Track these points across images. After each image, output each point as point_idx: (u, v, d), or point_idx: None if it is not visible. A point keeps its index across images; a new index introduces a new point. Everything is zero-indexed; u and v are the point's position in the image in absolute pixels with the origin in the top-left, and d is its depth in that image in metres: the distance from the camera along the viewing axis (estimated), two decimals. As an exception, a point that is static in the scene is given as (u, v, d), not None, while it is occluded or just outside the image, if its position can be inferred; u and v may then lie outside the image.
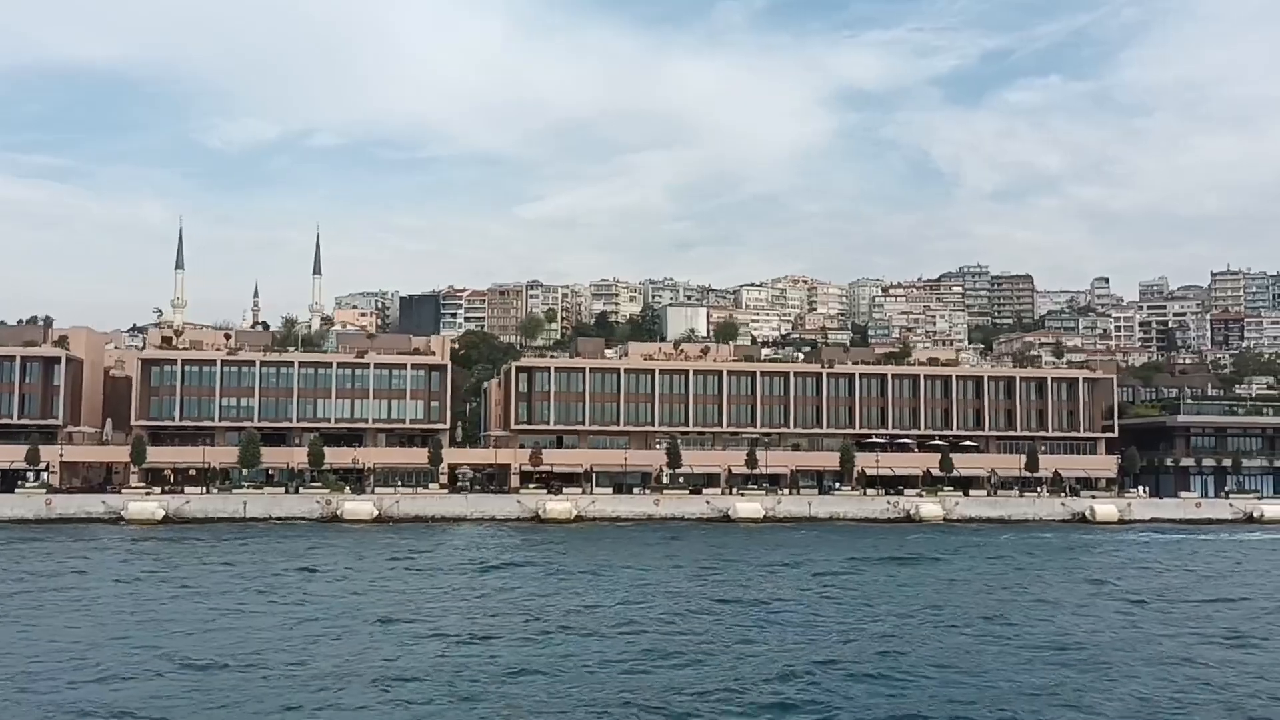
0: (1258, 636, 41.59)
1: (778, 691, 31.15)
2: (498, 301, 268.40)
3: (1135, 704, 30.40)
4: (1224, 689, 32.22)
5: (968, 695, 30.89)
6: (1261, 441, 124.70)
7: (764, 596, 50.90)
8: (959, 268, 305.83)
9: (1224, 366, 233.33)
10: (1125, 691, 31.75)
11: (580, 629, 41.50)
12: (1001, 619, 45.18)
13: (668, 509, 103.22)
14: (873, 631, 41.70)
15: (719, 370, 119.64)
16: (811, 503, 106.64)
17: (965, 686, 31.98)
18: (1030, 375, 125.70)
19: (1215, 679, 33.56)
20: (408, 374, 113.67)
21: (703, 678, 32.82)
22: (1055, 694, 31.25)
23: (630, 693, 30.77)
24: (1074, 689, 31.90)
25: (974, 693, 31.20)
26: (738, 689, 31.38)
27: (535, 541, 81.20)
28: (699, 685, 31.80)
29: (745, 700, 30.16)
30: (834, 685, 32.00)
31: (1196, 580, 61.03)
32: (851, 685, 32.01)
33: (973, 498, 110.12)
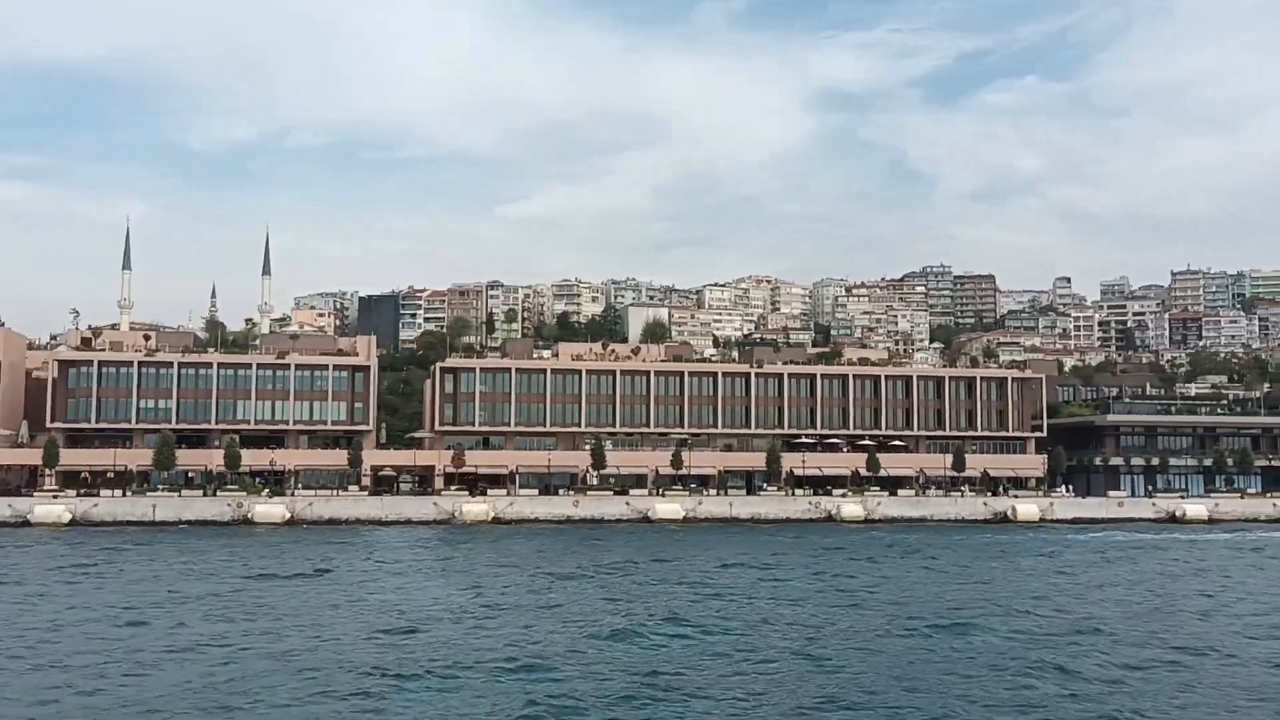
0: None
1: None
2: (458, 302, 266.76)
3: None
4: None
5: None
6: (1192, 441, 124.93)
7: (545, 602, 49.50)
8: (922, 268, 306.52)
9: (1179, 366, 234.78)
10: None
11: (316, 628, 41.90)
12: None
13: (587, 510, 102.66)
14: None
15: (646, 370, 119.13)
16: (733, 503, 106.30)
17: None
18: (959, 375, 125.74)
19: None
20: (330, 375, 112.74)
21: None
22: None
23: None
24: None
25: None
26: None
27: (426, 541, 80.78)
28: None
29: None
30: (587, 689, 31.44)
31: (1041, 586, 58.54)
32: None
33: (894, 498, 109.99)
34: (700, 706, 29.87)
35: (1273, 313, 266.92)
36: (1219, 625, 45.23)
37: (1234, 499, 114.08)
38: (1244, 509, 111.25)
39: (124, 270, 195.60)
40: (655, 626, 42.53)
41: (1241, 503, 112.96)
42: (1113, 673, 34.69)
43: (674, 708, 29.76)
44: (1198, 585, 59.18)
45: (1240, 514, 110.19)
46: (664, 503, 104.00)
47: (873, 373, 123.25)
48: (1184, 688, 32.75)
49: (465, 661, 35.32)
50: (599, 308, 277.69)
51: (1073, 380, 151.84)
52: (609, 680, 32.90)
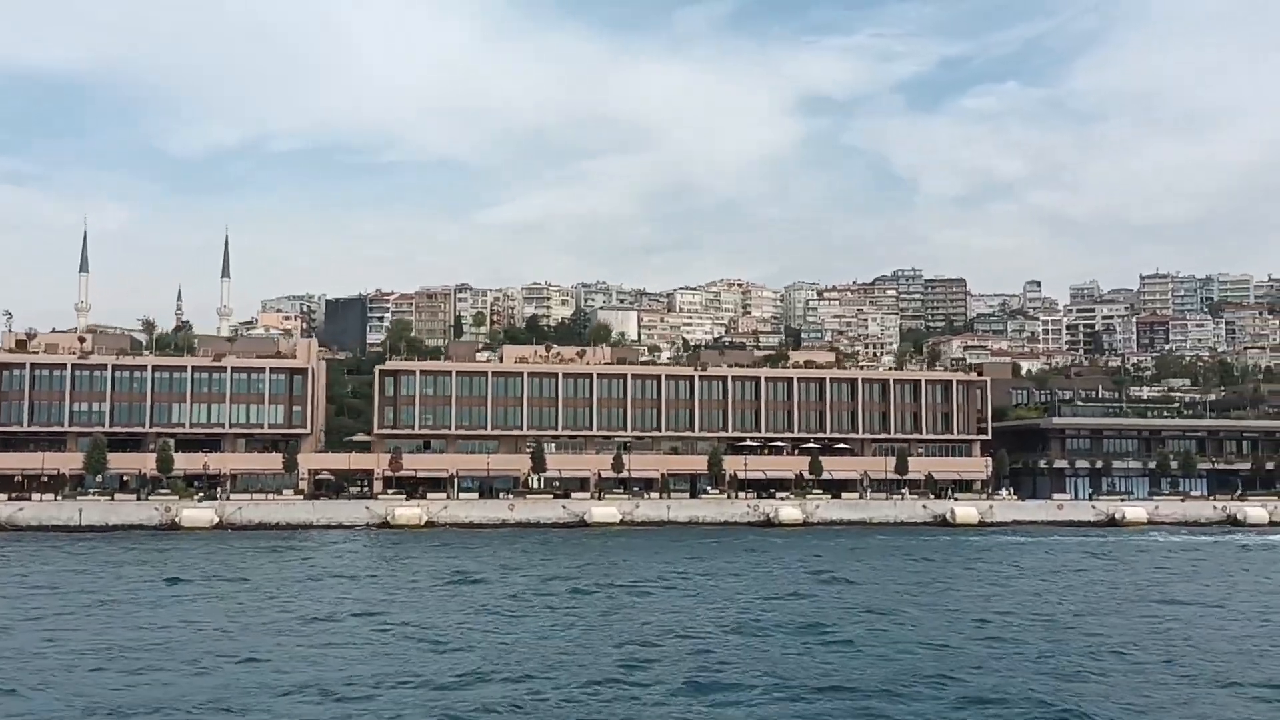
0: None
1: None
2: (425, 305, 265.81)
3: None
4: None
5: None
6: (1137, 443, 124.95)
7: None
8: (894, 271, 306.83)
9: (1145, 369, 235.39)
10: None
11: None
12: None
13: (523, 514, 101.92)
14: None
15: (590, 373, 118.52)
16: (670, 507, 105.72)
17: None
18: (905, 378, 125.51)
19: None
20: (267, 378, 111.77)
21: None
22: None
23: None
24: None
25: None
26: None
27: (345, 548, 79.90)
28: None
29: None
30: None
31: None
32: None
33: (833, 501, 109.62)
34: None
35: (1239, 316, 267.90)
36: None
37: (1175, 501, 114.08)
38: (1184, 511, 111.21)
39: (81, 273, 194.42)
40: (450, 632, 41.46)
41: (1182, 505, 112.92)
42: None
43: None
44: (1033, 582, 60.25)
45: (1181, 516, 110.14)
46: (600, 506, 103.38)
47: (818, 375, 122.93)
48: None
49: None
50: (568, 310, 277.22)
51: (1026, 384, 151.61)
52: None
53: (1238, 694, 31.83)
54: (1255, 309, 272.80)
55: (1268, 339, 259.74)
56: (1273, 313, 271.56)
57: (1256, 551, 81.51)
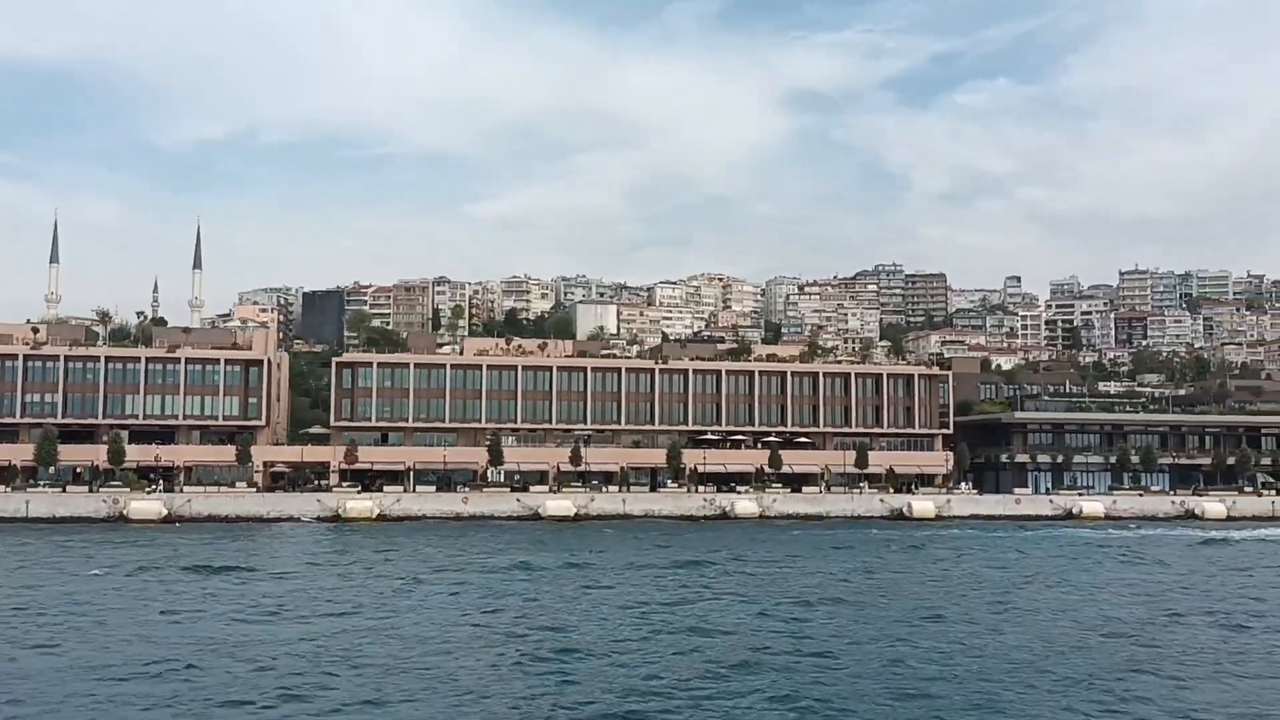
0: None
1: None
2: (403, 298, 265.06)
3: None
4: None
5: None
6: (1099, 438, 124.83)
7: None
8: (875, 266, 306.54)
9: (1121, 364, 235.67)
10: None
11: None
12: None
13: (476, 507, 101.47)
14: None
15: (549, 366, 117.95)
16: (626, 500, 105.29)
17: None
18: (866, 372, 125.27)
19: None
20: (222, 369, 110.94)
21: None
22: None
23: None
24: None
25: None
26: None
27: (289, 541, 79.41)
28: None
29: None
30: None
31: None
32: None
33: (789, 494, 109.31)
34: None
35: (1217, 312, 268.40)
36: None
37: (1133, 496, 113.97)
38: (1142, 506, 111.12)
39: (51, 264, 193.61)
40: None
41: (1140, 500, 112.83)
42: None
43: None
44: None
45: (1138, 511, 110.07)
46: (554, 499, 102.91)
47: (779, 369, 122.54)
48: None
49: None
50: (548, 304, 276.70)
51: (995, 378, 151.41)
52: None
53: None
54: (1233, 305, 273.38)
55: (1245, 335, 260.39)
56: (1250, 309, 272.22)
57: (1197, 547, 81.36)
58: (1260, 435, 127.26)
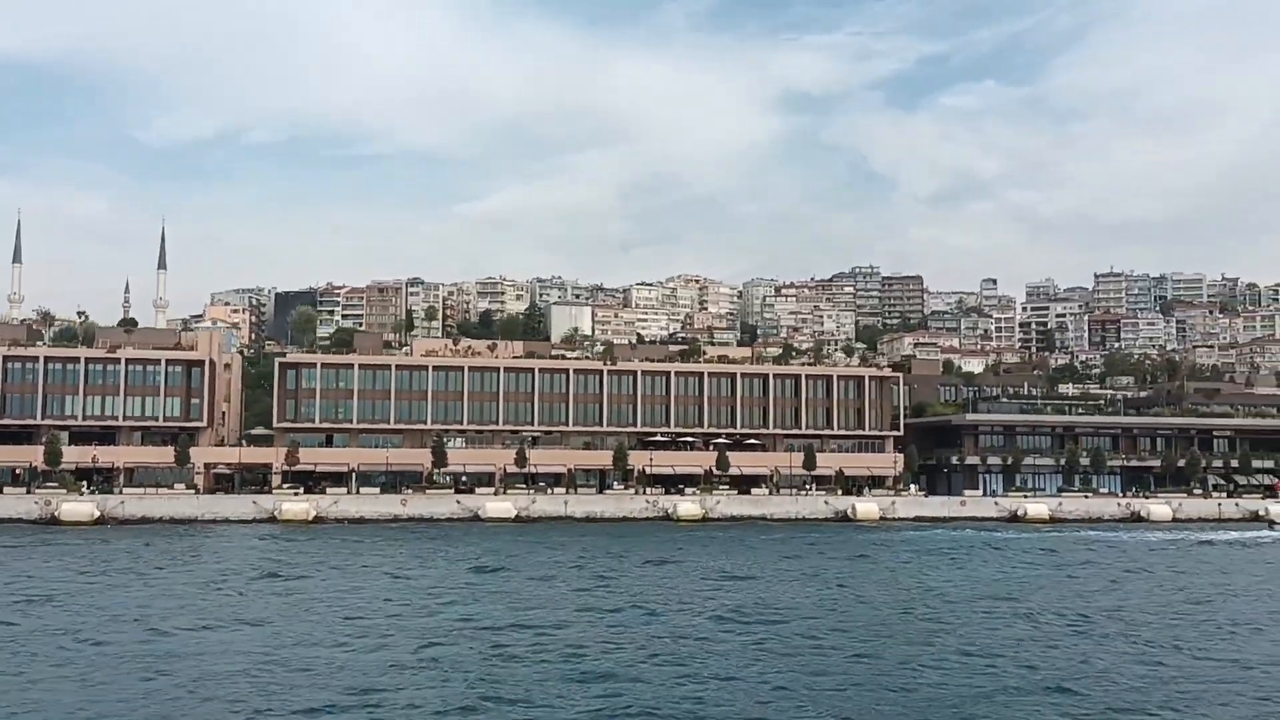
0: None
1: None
2: (376, 299, 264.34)
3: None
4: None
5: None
6: (1051, 440, 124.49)
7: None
8: (851, 268, 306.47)
9: (1093, 367, 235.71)
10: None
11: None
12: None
13: (416, 509, 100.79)
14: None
15: (496, 367, 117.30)
16: (567, 502, 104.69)
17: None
18: (817, 373, 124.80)
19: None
20: (163, 370, 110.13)
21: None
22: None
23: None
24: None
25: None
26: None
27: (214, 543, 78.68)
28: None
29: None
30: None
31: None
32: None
33: (733, 496, 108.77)
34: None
35: (1190, 315, 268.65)
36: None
37: (1079, 498, 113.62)
38: (1088, 509, 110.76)
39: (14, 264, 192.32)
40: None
41: (1086, 502, 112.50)
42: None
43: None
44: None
45: (1084, 513, 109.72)
46: (494, 501, 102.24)
47: (729, 370, 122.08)
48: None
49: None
50: (523, 305, 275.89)
51: (954, 381, 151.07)
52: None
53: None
54: (1206, 308, 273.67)
55: (1217, 337, 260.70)
56: (1224, 312, 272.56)
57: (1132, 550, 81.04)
58: (1212, 437, 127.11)
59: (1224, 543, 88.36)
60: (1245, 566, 70.80)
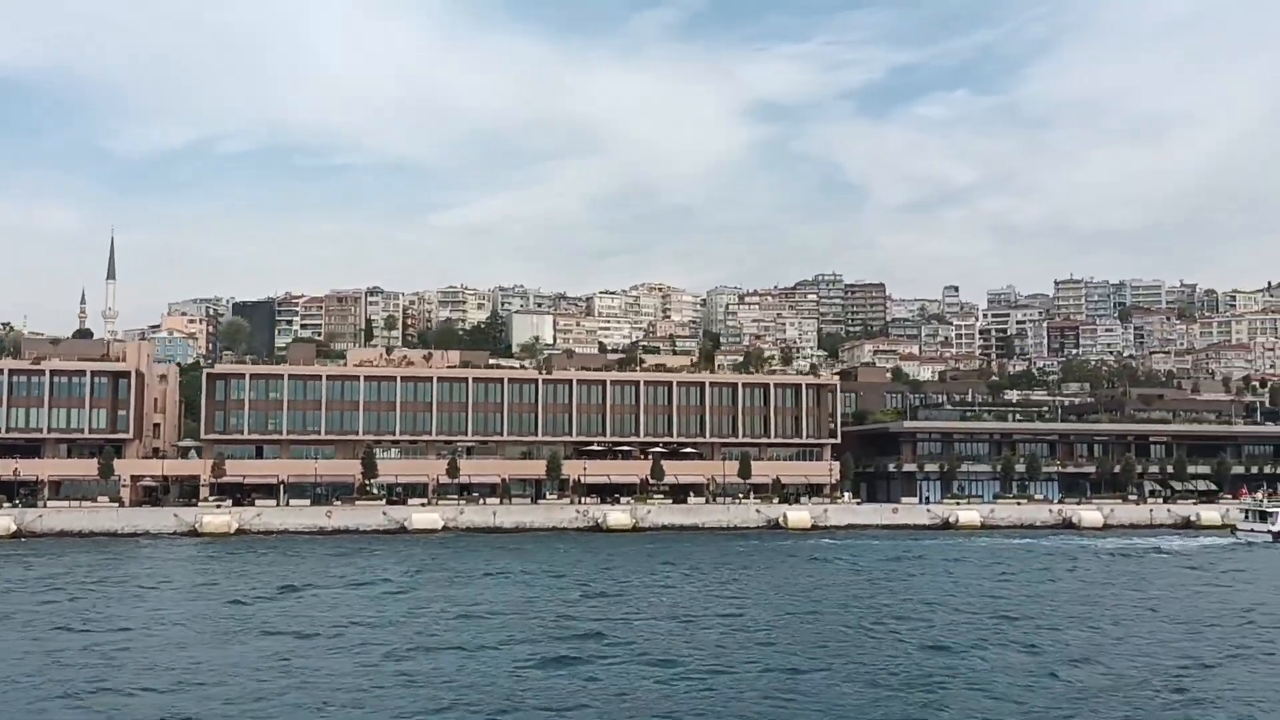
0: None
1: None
2: (335, 308, 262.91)
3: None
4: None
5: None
6: (989, 447, 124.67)
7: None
8: (815, 275, 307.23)
9: (1051, 373, 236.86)
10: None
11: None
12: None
13: (341, 521, 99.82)
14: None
15: (430, 377, 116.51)
16: (496, 512, 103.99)
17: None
18: (754, 381, 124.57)
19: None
20: (89, 382, 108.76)
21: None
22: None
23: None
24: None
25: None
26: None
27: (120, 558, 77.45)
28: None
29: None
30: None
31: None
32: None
33: (664, 505, 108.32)
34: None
35: (1148, 321, 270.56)
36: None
37: (1011, 505, 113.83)
38: (1020, 515, 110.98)
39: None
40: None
41: (1018, 509, 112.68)
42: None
43: None
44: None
45: (1016, 520, 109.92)
46: (421, 512, 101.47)
47: (665, 379, 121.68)
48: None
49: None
50: (484, 314, 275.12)
51: (900, 388, 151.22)
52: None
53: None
54: (1164, 314, 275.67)
55: (1174, 344, 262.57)
56: (1181, 318, 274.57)
57: (1039, 556, 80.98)
58: (1149, 443, 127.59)
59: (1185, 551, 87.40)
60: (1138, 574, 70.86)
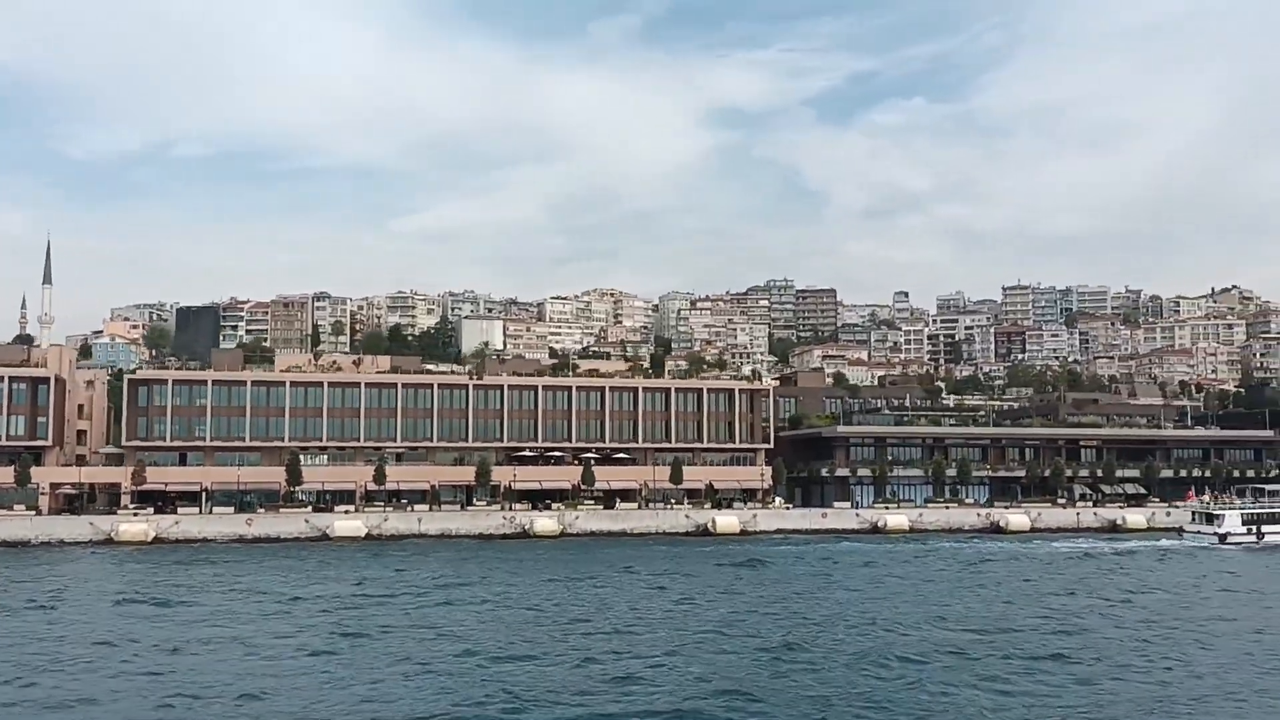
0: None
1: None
2: (281, 314, 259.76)
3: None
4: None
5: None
6: (922, 451, 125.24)
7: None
8: (766, 281, 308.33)
9: (997, 378, 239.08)
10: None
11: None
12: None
13: (262, 529, 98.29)
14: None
15: (357, 382, 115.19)
16: (421, 519, 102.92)
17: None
18: (687, 387, 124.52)
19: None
20: (6, 388, 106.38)
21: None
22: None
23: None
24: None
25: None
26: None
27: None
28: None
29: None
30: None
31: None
32: None
33: (594, 511, 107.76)
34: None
35: (1093, 327, 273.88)
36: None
37: (940, 509, 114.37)
38: (948, 519, 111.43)
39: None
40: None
41: (946, 513, 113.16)
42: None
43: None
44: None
45: (944, 524, 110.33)
46: (344, 520, 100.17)
47: (597, 384, 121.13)
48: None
49: None
50: (434, 320, 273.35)
51: (839, 393, 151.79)
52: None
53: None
54: (1109, 320, 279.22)
55: (1119, 349, 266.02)
56: (1126, 323, 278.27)
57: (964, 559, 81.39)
58: (1080, 448, 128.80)
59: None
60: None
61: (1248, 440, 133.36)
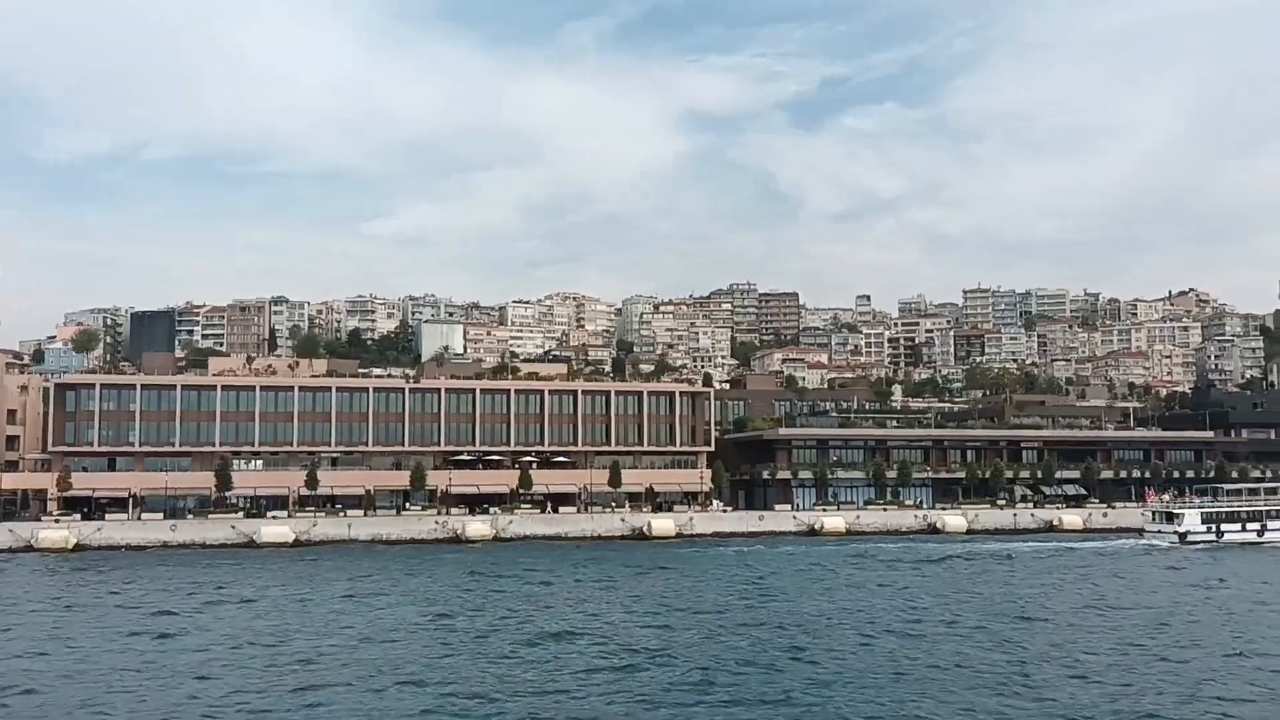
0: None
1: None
2: (238, 318, 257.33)
3: None
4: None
5: None
6: (864, 453, 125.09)
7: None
8: (729, 285, 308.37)
9: (954, 381, 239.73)
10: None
11: None
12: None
13: (187, 535, 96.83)
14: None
15: (291, 386, 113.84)
16: (352, 524, 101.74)
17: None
18: (627, 390, 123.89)
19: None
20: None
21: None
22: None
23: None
24: None
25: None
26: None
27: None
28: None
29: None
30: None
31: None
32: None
33: (528, 515, 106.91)
34: None
35: (1051, 330, 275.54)
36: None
37: (878, 511, 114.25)
38: (886, 521, 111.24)
39: None
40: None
41: (884, 514, 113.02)
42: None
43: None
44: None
45: (882, 525, 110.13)
46: (271, 525, 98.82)
47: (536, 387, 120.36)
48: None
49: None
50: (394, 324, 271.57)
51: (789, 396, 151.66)
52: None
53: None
54: (1067, 323, 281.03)
55: (1076, 351, 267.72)
56: (1084, 326, 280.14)
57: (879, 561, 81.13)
58: (1021, 449, 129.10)
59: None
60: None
61: (1188, 441, 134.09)
